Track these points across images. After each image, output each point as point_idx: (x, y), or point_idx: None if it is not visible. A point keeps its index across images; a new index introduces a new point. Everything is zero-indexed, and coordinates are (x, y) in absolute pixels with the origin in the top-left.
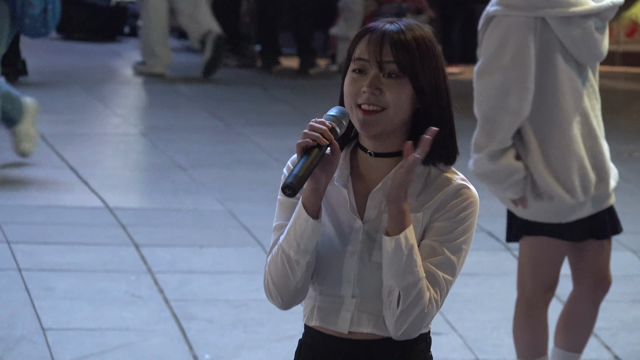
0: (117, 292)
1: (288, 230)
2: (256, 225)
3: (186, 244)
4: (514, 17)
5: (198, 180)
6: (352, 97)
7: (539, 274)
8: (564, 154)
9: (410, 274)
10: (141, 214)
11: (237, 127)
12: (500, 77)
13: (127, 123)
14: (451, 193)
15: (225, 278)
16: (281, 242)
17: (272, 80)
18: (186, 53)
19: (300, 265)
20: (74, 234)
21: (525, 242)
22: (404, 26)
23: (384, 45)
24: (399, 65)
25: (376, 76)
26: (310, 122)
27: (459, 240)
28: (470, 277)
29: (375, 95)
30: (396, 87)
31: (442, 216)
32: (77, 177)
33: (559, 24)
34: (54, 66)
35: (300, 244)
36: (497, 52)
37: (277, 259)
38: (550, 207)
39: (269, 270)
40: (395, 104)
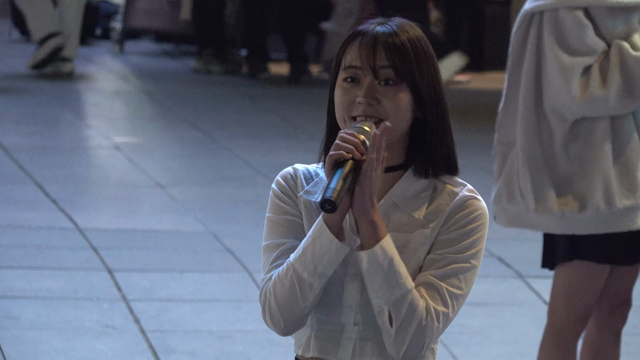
0: (89, 322)
1: (304, 250)
2: (242, 248)
3: (165, 269)
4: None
5: (178, 198)
6: (346, 109)
7: (574, 302)
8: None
9: (395, 288)
10: (115, 236)
11: (221, 140)
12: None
13: (100, 135)
14: (458, 205)
15: (207, 307)
16: (293, 261)
17: (259, 88)
18: (164, 58)
19: (313, 289)
20: (41, 257)
21: (564, 266)
22: (396, 27)
23: (377, 49)
24: (395, 70)
25: (371, 84)
26: (341, 134)
27: (466, 253)
28: (478, 307)
29: (372, 106)
30: (394, 95)
31: (448, 229)
32: (44, 195)
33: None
34: (17, 71)
35: (318, 266)
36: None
37: (285, 279)
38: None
39: (272, 291)
40: (394, 113)
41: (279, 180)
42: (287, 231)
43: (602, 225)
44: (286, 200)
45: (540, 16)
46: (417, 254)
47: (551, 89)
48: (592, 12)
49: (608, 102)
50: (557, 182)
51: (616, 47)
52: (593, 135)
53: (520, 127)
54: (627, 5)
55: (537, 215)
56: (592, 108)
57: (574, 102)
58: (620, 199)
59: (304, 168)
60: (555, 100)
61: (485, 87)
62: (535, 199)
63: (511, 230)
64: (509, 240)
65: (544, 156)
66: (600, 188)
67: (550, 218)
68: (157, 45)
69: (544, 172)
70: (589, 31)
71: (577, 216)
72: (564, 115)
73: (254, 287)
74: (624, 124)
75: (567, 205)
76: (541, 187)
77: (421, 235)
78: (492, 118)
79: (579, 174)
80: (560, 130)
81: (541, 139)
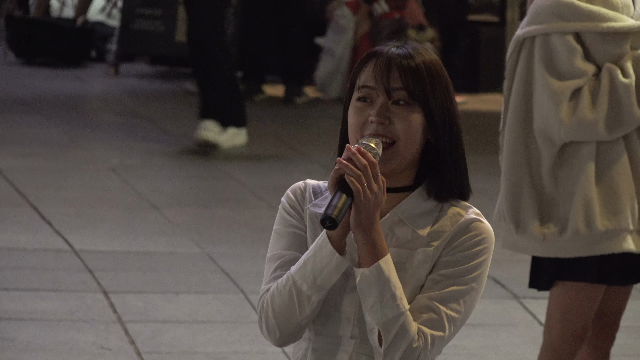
0: (84, 343)
1: (305, 262)
2: (237, 270)
3: (160, 290)
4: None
5: (173, 220)
6: (358, 128)
7: (569, 322)
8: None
9: (388, 309)
10: (110, 258)
11: (216, 161)
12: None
13: (95, 157)
14: (462, 227)
15: (203, 328)
16: (293, 273)
17: (254, 110)
18: (159, 80)
19: (311, 301)
20: (36, 279)
21: (559, 287)
22: (411, 50)
23: (391, 70)
24: (408, 91)
25: (384, 104)
26: (351, 150)
27: (467, 276)
28: (474, 327)
29: (385, 126)
30: (406, 116)
31: (452, 251)
32: (39, 216)
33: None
34: (12, 94)
35: (318, 278)
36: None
37: (284, 290)
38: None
39: (270, 301)
40: (405, 135)
41: (289, 194)
42: (290, 243)
43: (584, 248)
44: (292, 213)
45: (531, 41)
46: (418, 271)
47: (540, 113)
48: (584, 37)
49: (597, 128)
50: (541, 206)
51: (607, 71)
52: (577, 157)
53: (507, 150)
54: (619, 30)
55: (519, 237)
56: (581, 132)
57: (562, 126)
58: (602, 222)
59: (315, 183)
60: (544, 124)
61: (481, 108)
62: (515, 221)
63: (506, 251)
64: (504, 262)
65: (530, 179)
66: (581, 210)
67: (532, 241)
68: (152, 67)
69: (529, 195)
70: (579, 55)
71: (558, 239)
72: (553, 139)
73: (249, 308)
74: (611, 147)
75: (548, 228)
76: (523, 210)
77: (423, 253)
78: (488, 139)
79: (563, 197)
80: (548, 154)
81: (529, 162)
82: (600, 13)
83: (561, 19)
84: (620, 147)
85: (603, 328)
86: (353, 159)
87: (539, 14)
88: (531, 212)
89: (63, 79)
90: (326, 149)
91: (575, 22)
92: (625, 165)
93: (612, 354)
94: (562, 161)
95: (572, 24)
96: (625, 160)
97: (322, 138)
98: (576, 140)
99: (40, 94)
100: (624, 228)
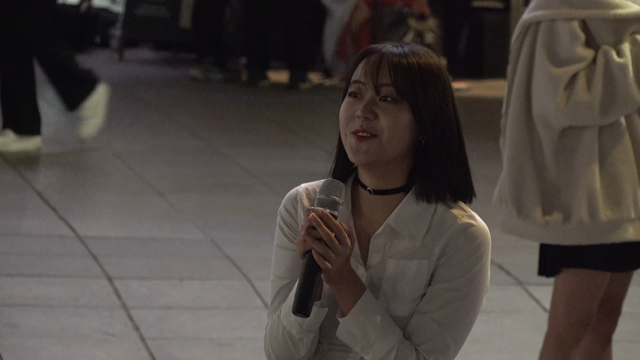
0: (89, 329)
1: (289, 308)
2: (241, 256)
3: (164, 276)
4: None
5: (177, 206)
6: (346, 123)
7: (574, 309)
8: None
9: (378, 345)
10: (114, 244)
11: (221, 147)
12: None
13: (99, 143)
14: (456, 234)
15: (207, 314)
16: (282, 317)
17: (259, 96)
18: (162, 66)
19: (304, 342)
20: (40, 265)
21: (565, 273)
22: (408, 50)
23: (381, 67)
24: (396, 87)
25: (372, 100)
26: (316, 220)
27: (466, 287)
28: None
29: (369, 120)
30: (392, 112)
31: (447, 261)
32: (44, 202)
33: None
34: None
35: (303, 324)
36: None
37: (277, 333)
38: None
39: (269, 340)
40: (389, 130)
41: (282, 207)
42: (287, 267)
43: (586, 237)
44: (287, 231)
45: (536, 26)
46: (416, 281)
47: (538, 97)
48: (590, 24)
49: (592, 109)
50: (544, 192)
51: (602, 52)
52: (579, 145)
53: (509, 135)
54: (625, 17)
55: (521, 222)
56: (577, 115)
57: (559, 111)
58: (604, 212)
59: (309, 189)
60: (542, 110)
61: (485, 94)
62: (517, 206)
63: (510, 237)
64: (508, 248)
65: (534, 165)
66: (584, 200)
67: (535, 227)
68: (156, 53)
69: (532, 181)
70: (580, 42)
71: (561, 227)
72: (551, 124)
73: (253, 294)
74: (613, 134)
75: (552, 215)
76: (525, 195)
77: (420, 264)
78: (492, 125)
79: (565, 184)
80: (548, 140)
81: (532, 147)
82: (608, 0)
83: (568, 5)
84: (622, 133)
85: (605, 314)
86: (318, 229)
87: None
88: (534, 197)
89: None
90: (330, 135)
91: (583, 9)
92: (628, 152)
93: (616, 340)
94: (564, 147)
95: (580, 10)
96: (628, 146)
97: (326, 124)
98: (574, 124)
99: (44, 79)
100: (626, 218)
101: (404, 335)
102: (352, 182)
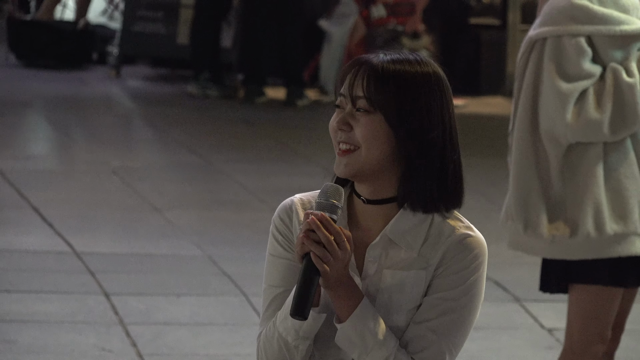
0: (86, 345)
1: (285, 315)
2: (238, 272)
3: (161, 292)
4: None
5: (174, 222)
6: (333, 135)
7: (591, 326)
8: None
9: (374, 353)
10: (112, 260)
11: (218, 164)
12: None
13: (96, 159)
14: (454, 244)
15: (204, 330)
16: (278, 324)
17: (255, 112)
18: (161, 82)
19: (299, 350)
20: (37, 281)
21: (578, 290)
22: (393, 58)
23: (357, 78)
24: (368, 99)
25: (349, 112)
26: (315, 222)
27: (463, 297)
28: (474, 330)
29: (345, 132)
30: (366, 123)
31: (444, 272)
32: (41, 218)
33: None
34: (14, 96)
35: (300, 331)
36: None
37: (272, 340)
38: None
39: (262, 348)
40: (365, 141)
41: (276, 217)
42: (282, 275)
43: (592, 251)
44: (281, 240)
45: (542, 43)
46: (413, 292)
47: (546, 114)
48: (595, 40)
49: (602, 127)
50: (550, 207)
51: (611, 71)
52: (585, 159)
53: (515, 151)
54: (632, 33)
55: (527, 238)
56: (587, 133)
57: (568, 127)
58: (611, 225)
59: (303, 199)
60: (550, 125)
61: (482, 111)
62: (523, 222)
63: (507, 253)
64: (505, 264)
65: (539, 180)
66: (590, 214)
67: (541, 242)
68: (153, 69)
69: (538, 197)
70: (588, 57)
71: (567, 241)
72: (559, 140)
73: (250, 310)
74: (619, 149)
75: (558, 230)
76: (531, 210)
77: (416, 275)
78: (489, 143)
79: (571, 199)
80: (555, 155)
81: (538, 163)
82: (613, 16)
83: (574, 22)
84: (627, 148)
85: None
86: (318, 233)
87: (552, 16)
88: (540, 213)
89: (64, 82)
90: (327, 152)
91: (588, 25)
92: (633, 167)
93: (616, 356)
94: (569, 162)
95: (585, 27)
96: (633, 161)
97: (324, 141)
98: (582, 141)
99: (41, 96)
100: (632, 231)
101: (400, 344)
102: (349, 192)
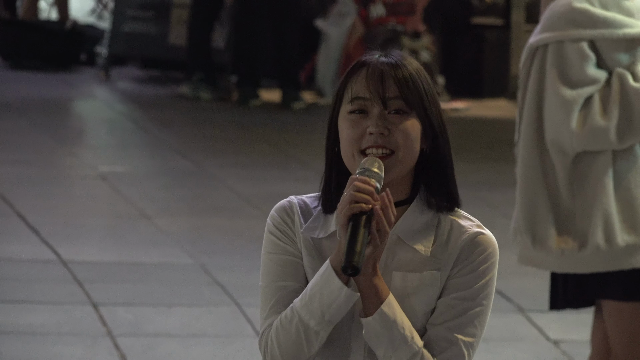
0: (72, 358)
1: (311, 297)
2: (231, 281)
3: (151, 302)
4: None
5: (165, 230)
6: (355, 142)
7: (637, 345)
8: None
9: (401, 352)
10: (100, 269)
11: (210, 169)
12: None
13: (84, 164)
14: (467, 243)
15: (196, 342)
16: (298, 308)
17: (249, 115)
18: (152, 84)
19: (319, 337)
20: (22, 291)
21: (621, 308)
22: (400, 58)
23: (385, 79)
24: (405, 100)
25: (381, 115)
26: (355, 183)
27: (479, 296)
28: None
29: (384, 136)
30: (405, 125)
31: (460, 271)
32: (26, 226)
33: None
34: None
35: (326, 314)
36: None
37: (290, 327)
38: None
39: (274, 339)
40: (404, 144)
41: (275, 216)
42: (286, 273)
43: (603, 264)
44: (283, 238)
45: (544, 49)
46: (428, 294)
47: (551, 123)
48: (598, 44)
49: (609, 135)
50: (558, 219)
51: (617, 76)
52: (594, 170)
53: (521, 163)
54: (635, 36)
55: (536, 252)
56: (594, 140)
57: (574, 135)
58: (622, 236)
59: (300, 200)
60: (556, 134)
61: (485, 114)
62: (531, 235)
63: (511, 261)
64: (510, 274)
65: (547, 192)
66: (600, 225)
67: (550, 256)
68: (143, 71)
69: (545, 209)
70: (591, 62)
71: (577, 255)
72: (565, 149)
73: (244, 321)
74: (628, 158)
75: (567, 243)
76: (539, 223)
77: (431, 276)
78: (492, 146)
79: (580, 210)
80: (562, 166)
81: (545, 174)
82: (616, 20)
83: (575, 26)
84: (637, 157)
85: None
86: (360, 186)
87: (552, 21)
88: (548, 225)
89: (52, 83)
90: (323, 157)
91: (590, 30)
92: None
93: None
94: (578, 173)
95: (587, 31)
96: None
97: (320, 145)
98: (589, 149)
99: (28, 98)
100: None
101: None
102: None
